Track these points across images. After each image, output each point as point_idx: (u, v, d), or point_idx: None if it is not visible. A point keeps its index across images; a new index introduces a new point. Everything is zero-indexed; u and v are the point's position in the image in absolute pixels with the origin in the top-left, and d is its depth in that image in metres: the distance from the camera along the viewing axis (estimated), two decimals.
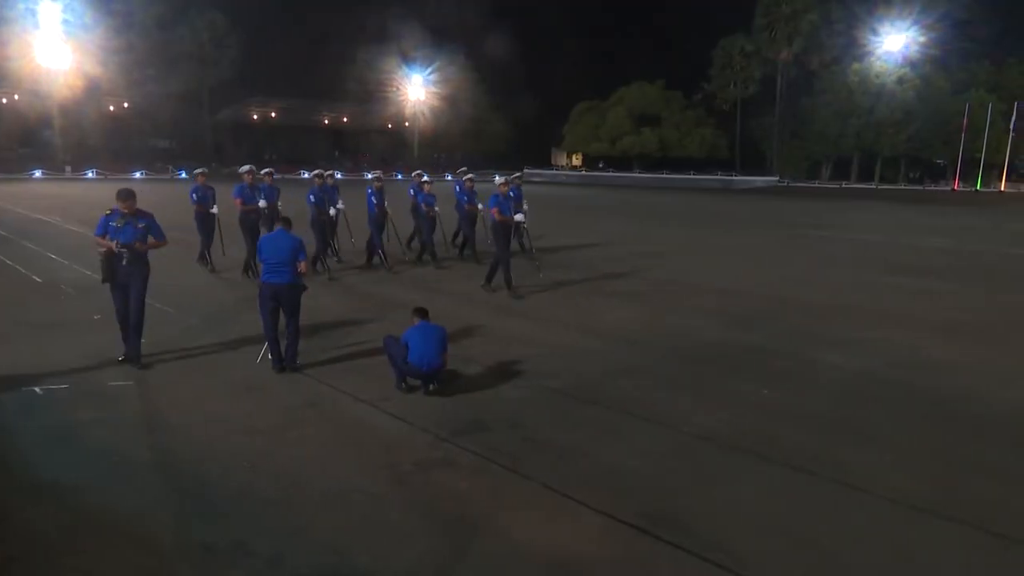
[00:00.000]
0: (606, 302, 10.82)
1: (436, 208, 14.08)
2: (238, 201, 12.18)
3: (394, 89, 70.51)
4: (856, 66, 63.03)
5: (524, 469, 4.99)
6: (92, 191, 36.03)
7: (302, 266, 6.84)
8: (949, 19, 58.16)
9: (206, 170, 13.66)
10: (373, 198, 13.29)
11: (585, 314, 10.07)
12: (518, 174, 15.62)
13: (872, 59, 62.79)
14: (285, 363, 6.97)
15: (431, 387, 6.42)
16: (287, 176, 56.93)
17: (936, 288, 12.81)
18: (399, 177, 60.01)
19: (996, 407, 6.51)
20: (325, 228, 12.87)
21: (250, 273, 11.90)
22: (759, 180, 62.89)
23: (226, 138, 68.01)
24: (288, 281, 6.85)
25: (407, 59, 68.95)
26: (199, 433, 5.52)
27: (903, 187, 64.33)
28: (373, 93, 69.66)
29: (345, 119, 77.01)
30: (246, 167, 12.57)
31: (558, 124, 75.06)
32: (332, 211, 13.02)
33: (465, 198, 14.20)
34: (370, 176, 14.56)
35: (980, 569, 3.96)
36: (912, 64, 61.77)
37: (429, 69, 70.16)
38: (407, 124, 74.64)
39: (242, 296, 10.27)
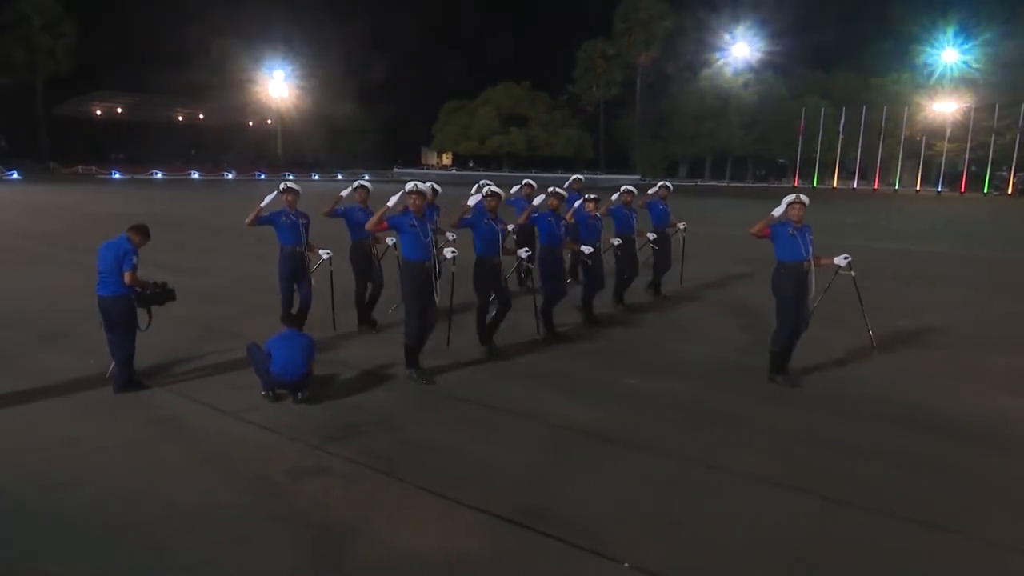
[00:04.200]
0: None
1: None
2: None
3: (255, 86, 67.55)
4: (707, 71, 67.26)
5: (399, 471, 4.96)
6: None
7: (126, 276, 6.18)
8: (786, 29, 63.17)
9: (292, 186, 8.13)
10: (549, 218, 8.55)
11: (455, 311, 10.09)
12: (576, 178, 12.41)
13: (720, 65, 67.22)
14: (113, 387, 6.37)
15: (299, 396, 6.23)
16: (136, 176, 53.33)
17: None
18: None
19: (840, 386, 7.15)
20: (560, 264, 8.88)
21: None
22: (623, 178, 65.44)
23: (64, 135, 62.44)
24: (111, 292, 6.25)
25: (268, 55, 66.23)
26: (43, 457, 5.06)
27: (751, 184, 69.17)
28: (232, 89, 66.41)
29: (202, 116, 72.90)
30: (410, 185, 7.08)
31: (428, 123, 74.72)
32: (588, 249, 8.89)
33: (622, 215, 10.17)
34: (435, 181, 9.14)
35: (831, 538, 4.34)
36: (755, 71, 66.67)
37: (293, 65, 67.76)
38: (270, 122, 71.74)
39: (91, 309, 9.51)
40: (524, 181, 11.54)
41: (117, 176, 53.60)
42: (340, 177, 63.49)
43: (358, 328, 8.75)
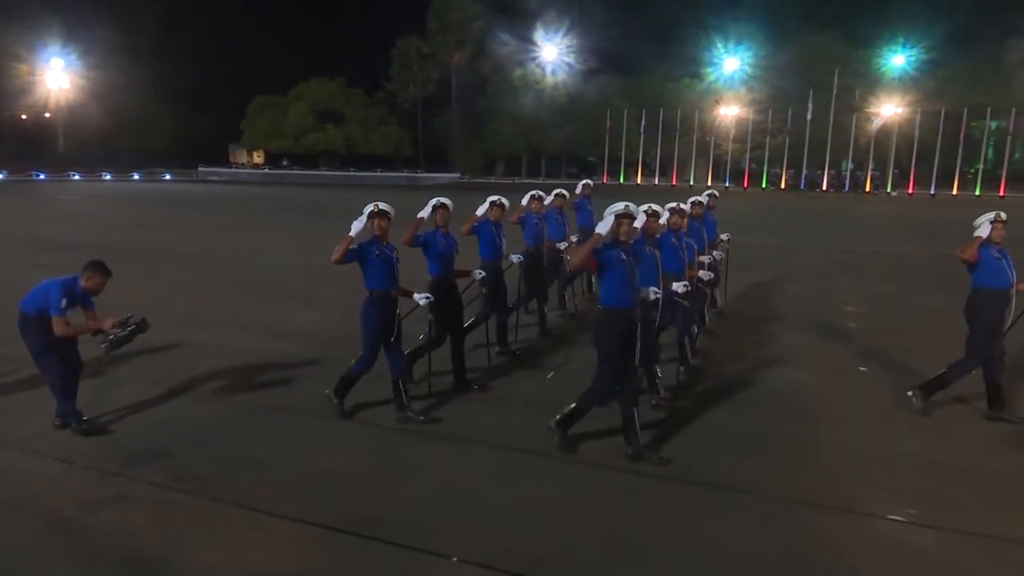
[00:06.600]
0: (290, 305, 10.51)
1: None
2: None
3: (29, 75, 59.97)
4: (519, 72, 69.56)
5: (213, 491, 4.67)
6: None
7: None
8: (592, 34, 66.90)
9: (384, 208, 6.16)
10: (673, 239, 7.07)
11: (272, 316, 9.70)
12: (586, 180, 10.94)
13: (532, 66, 69.89)
14: None
15: (75, 424, 5.55)
16: None
17: None
18: (42, 177, 51.68)
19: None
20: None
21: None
22: (443, 176, 66.08)
23: None
24: None
25: (44, 41, 59.01)
26: None
27: (564, 181, 72.37)
28: None
29: None
30: (620, 206, 5.34)
31: (235, 119, 70.48)
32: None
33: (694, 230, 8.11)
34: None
35: (645, 513, 4.68)
36: (565, 73, 70.08)
37: (74, 53, 60.93)
38: (48, 115, 64.12)
39: None
40: (584, 181, 10.81)
41: None
42: (136, 177, 58.24)
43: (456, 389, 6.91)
